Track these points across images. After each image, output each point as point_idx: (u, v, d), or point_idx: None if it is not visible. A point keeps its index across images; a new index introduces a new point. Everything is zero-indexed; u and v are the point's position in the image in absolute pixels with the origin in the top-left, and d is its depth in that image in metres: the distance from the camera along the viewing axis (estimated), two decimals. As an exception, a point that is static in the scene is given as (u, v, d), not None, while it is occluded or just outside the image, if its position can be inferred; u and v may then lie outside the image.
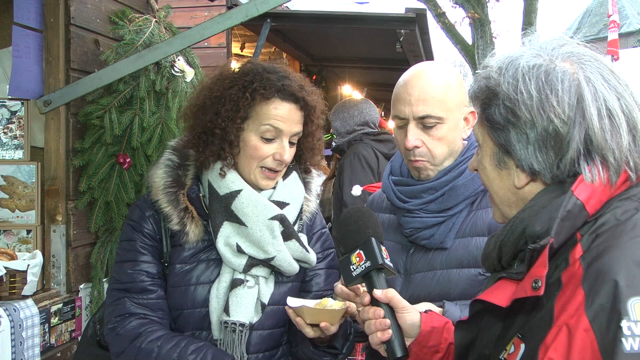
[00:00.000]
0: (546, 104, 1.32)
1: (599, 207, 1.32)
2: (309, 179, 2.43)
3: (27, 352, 2.93)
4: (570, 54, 1.39)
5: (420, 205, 2.24)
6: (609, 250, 1.23)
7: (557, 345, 1.20)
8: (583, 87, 1.32)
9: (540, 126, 1.33)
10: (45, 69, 3.35)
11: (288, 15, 6.87)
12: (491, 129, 1.44)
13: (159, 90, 3.62)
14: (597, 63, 1.37)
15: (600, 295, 1.16)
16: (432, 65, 2.29)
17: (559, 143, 1.33)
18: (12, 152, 3.35)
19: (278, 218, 2.19)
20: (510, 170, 1.43)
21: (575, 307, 1.20)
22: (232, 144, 2.19)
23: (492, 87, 1.41)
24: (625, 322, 1.11)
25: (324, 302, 2.05)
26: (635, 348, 1.09)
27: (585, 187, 1.31)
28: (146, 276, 2.18)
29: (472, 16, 19.03)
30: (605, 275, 1.18)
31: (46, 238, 3.37)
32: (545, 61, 1.37)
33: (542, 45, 1.42)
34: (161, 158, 2.30)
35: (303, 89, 2.21)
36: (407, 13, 6.37)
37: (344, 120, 5.05)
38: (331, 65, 9.56)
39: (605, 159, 1.31)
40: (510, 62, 1.40)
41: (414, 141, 2.18)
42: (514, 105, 1.36)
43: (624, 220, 1.28)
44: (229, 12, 3.13)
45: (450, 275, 2.18)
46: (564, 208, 1.29)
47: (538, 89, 1.34)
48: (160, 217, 2.21)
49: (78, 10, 3.46)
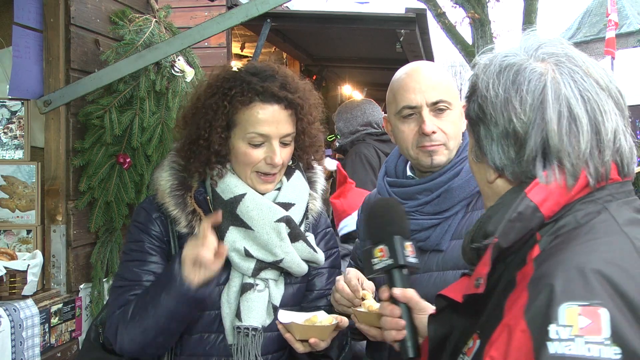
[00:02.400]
0: (509, 104, 1.35)
1: (557, 209, 1.32)
2: (314, 177, 2.41)
3: (27, 352, 2.93)
4: (550, 54, 1.39)
5: (416, 207, 2.23)
6: (557, 253, 1.24)
7: (499, 344, 1.23)
8: (547, 90, 1.33)
9: (502, 125, 1.36)
10: (45, 69, 3.35)
11: (288, 15, 6.87)
12: (469, 124, 1.49)
13: (159, 90, 3.62)
14: (573, 65, 1.36)
15: (538, 299, 1.17)
16: (426, 62, 2.34)
17: (519, 142, 1.34)
18: (12, 152, 3.35)
19: (284, 220, 2.17)
20: (484, 164, 1.46)
21: (518, 308, 1.21)
22: (218, 154, 2.17)
23: (474, 83, 1.46)
24: (553, 326, 1.12)
25: (314, 318, 2.04)
26: (558, 352, 1.09)
27: (540, 190, 1.31)
28: (153, 276, 2.16)
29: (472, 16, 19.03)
30: (546, 278, 1.19)
31: (46, 238, 3.37)
32: (521, 60, 1.39)
33: (528, 44, 1.43)
34: (165, 160, 2.29)
35: (285, 87, 2.17)
36: (407, 13, 6.38)
37: (347, 120, 5.07)
38: (331, 65, 9.56)
39: (561, 162, 1.31)
40: (492, 59, 1.44)
41: (431, 126, 2.17)
42: (483, 102, 1.40)
43: (584, 223, 1.29)
44: (229, 12, 3.13)
45: (446, 277, 2.17)
46: (513, 209, 1.31)
47: (505, 88, 1.37)
48: (168, 220, 2.19)
49: (78, 10, 3.46)
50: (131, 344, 2.08)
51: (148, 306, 2.04)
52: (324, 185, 2.46)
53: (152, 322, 2.03)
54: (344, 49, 8.49)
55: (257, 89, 2.13)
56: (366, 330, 1.98)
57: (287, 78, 2.21)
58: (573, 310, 1.11)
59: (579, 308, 1.11)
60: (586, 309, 1.11)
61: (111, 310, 2.15)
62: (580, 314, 1.10)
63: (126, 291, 2.15)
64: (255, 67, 2.24)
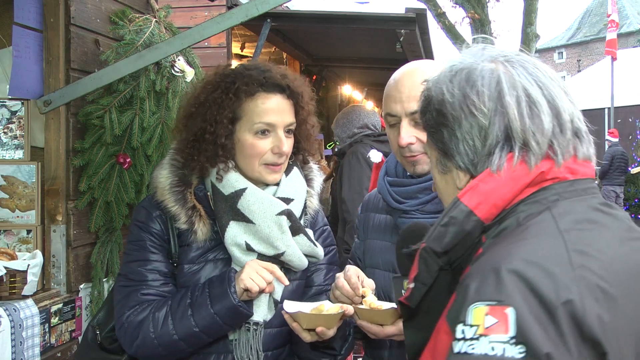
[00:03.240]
0: (467, 99, 1.37)
1: (496, 211, 1.33)
2: (311, 175, 2.43)
3: (27, 352, 2.94)
4: (497, 55, 1.43)
5: (417, 206, 2.22)
6: (485, 254, 1.25)
7: (429, 347, 1.26)
8: (502, 80, 1.36)
9: (465, 121, 1.37)
10: (45, 69, 3.35)
11: (288, 15, 6.87)
12: (429, 135, 1.49)
13: (159, 90, 3.62)
14: (522, 60, 1.42)
15: (457, 300, 1.19)
16: (424, 63, 2.29)
17: (483, 132, 1.36)
18: (12, 152, 3.35)
19: (285, 213, 2.19)
20: (452, 172, 1.46)
21: (447, 309, 1.23)
22: (225, 147, 2.18)
23: (426, 95, 1.48)
24: (460, 325, 1.12)
25: (321, 307, 2.05)
26: (462, 350, 1.10)
27: (474, 194, 1.33)
28: (158, 274, 2.18)
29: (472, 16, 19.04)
30: (467, 279, 1.20)
31: (46, 238, 3.37)
32: (470, 64, 1.42)
33: (473, 52, 1.47)
34: (165, 159, 2.30)
35: (285, 77, 2.21)
36: (407, 13, 6.37)
37: (344, 126, 5.12)
38: (331, 65, 9.56)
39: (527, 143, 1.33)
40: (442, 72, 1.47)
41: (407, 138, 2.16)
42: (441, 106, 1.41)
43: (522, 224, 1.29)
44: (229, 12, 3.13)
45: None
46: (446, 214, 1.34)
47: (460, 87, 1.39)
48: (167, 218, 2.20)
49: (78, 10, 3.47)
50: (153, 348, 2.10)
51: (187, 312, 2.07)
52: (321, 183, 2.48)
53: (187, 328, 2.06)
54: (344, 49, 8.49)
55: (260, 79, 2.16)
56: (367, 327, 1.98)
57: (284, 70, 2.26)
58: (480, 309, 1.12)
59: (487, 307, 1.11)
60: (494, 309, 1.10)
61: (121, 311, 2.16)
62: (488, 313, 1.10)
63: (134, 291, 2.16)
64: (251, 64, 2.28)
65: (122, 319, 2.14)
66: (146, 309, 2.12)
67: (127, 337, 2.13)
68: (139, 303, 2.14)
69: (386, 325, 1.97)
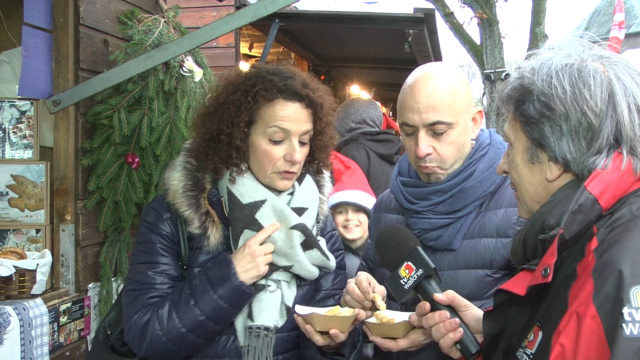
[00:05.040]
0: (579, 97, 1.41)
1: (613, 201, 1.39)
2: (322, 181, 2.42)
3: (36, 351, 2.94)
4: (599, 56, 1.47)
5: (429, 207, 2.23)
6: (619, 242, 1.30)
7: (568, 332, 1.28)
8: (614, 84, 1.41)
9: (574, 118, 1.41)
10: (54, 69, 3.36)
11: (296, 15, 6.87)
12: (525, 124, 1.51)
13: (167, 90, 3.63)
14: (624, 64, 1.46)
15: (607, 285, 1.23)
16: (437, 68, 2.25)
17: (591, 134, 1.40)
18: (22, 151, 3.36)
19: (299, 228, 2.18)
20: (542, 164, 1.50)
21: (585, 295, 1.27)
22: (239, 150, 2.17)
23: (526, 85, 1.50)
24: (626, 308, 1.18)
25: (335, 309, 2.04)
26: (635, 333, 1.16)
27: (599, 183, 1.38)
28: (166, 277, 2.16)
29: (480, 16, 18.95)
30: (612, 265, 1.24)
31: (55, 237, 3.38)
32: (577, 61, 1.46)
33: (572, 49, 1.50)
34: (177, 160, 2.28)
35: (307, 86, 2.19)
36: (416, 13, 6.37)
37: (342, 119, 4.92)
38: (339, 65, 9.56)
39: (634, 150, 1.40)
40: (543, 63, 1.49)
41: (425, 149, 2.16)
42: (548, 99, 1.44)
43: (639, 215, 1.34)
44: (237, 12, 3.13)
45: (457, 277, 2.17)
46: (575, 202, 1.38)
47: (571, 83, 1.42)
48: (178, 220, 2.18)
49: (87, 11, 3.48)
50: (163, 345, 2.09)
51: (190, 302, 2.06)
52: (331, 189, 2.47)
53: (193, 318, 2.06)
54: (352, 49, 8.48)
55: (280, 86, 2.15)
56: (381, 343, 1.95)
57: (308, 79, 2.23)
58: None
59: None
60: None
61: (129, 315, 2.15)
62: None
63: (141, 294, 2.15)
64: (274, 68, 2.24)
65: (130, 322, 2.13)
66: (150, 309, 2.11)
67: (135, 339, 2.12)
68: (145, 307, 2.13)
69: (399, 339, 1.94)
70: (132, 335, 2.12)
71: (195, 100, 3.79)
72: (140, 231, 2.26)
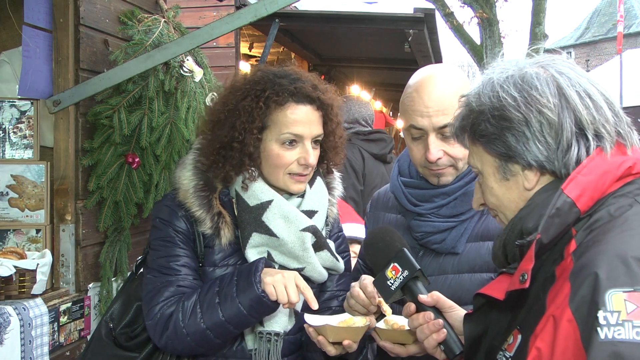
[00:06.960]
0: (531, 99, 1.42)
1: (591, 204, 1.39)
2: (333, 183, 2.41)
3: (36, 351, 2.94)
4: (534, 61, 1.50)
5: (432, 209, 2.21)
6: (596, 244, 1.29)
7: (545, 335, 1.28)
8: (558, 78, 1.44)
9: (534, 120, 1.42)
10: (54, 69, 3.36)
11: (296, 15, 6.86)
12: (487, 144, 1.51)
13: (167, 90, 3.63)
14: (561, 60, 1.49)
15: (583, 288, 1.23)
16: (441, 70, 2.24)
17: (554, 129, 1.41)
18: (22, 151, 3.36)
19: (310, 230, 2.16)
20: (516, 176, 1.50)
21: (562, 299, 1.27)
22: (252, 156, 2.15)
23: (476, 108, 1.51)
24: (601, 312, 1.17)
25: (349, 320, 2.03)
26: (609, 337, 1.15)
27: (576, 185, 1.38)
28: (189, 269, 2.14)
29: (481, 16, 18.97)
30: (588, 268, 1.24)
31: (55, 237, 3.38)
32: (515, 71, 1.48)
33: (505, 64, 1.53)
34: (187, 159, 2.26)
35: (317, 88, 2.17)
36: (416, 13, 6.37)
37: None
38: (339, 65, 9.56)
39: (599, 133, 1.40)
40: (484, 83, 1.51)
41: (436, 153, 2.15)
42: (502, 111, 1.45)
43: (617, 216, 1.34)
44: (237, 12, 3.13)
45: (461, 280, 2.16)
46: (552, 205, 1.38)
47: (518, 90, 1.44)
48: (192, 219, 2.17)
49: (87, 11, 3.47)
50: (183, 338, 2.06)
51: (215, 300, 2.03)
52: (342, 191, 2.46)
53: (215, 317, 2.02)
54: (352, 49, 8.48)
55: (290, 89, 2.13)
56: (390, 348, 1.95)
57: (316, 80, 2.22)
58: (619, 296, 1.17)
59: (625, 294, 1.17)
60: (631, 295, 1.17)
61: (153, 302, 2.11)
62: (626, 299, 1.16)
63: (168, 283, 2.11)
64: (281, 70, 2.22)
65: (155, 309, 2.09)
66: (178, 300, 2.09)
67: (157, 327, 2.08)
68: (175, 294, 2.10)
69: (408, 345, 1.93)
70: (156, 322, 2.08)
71: (196, 100, 3.79)
72: (156, 227, 2.22)
